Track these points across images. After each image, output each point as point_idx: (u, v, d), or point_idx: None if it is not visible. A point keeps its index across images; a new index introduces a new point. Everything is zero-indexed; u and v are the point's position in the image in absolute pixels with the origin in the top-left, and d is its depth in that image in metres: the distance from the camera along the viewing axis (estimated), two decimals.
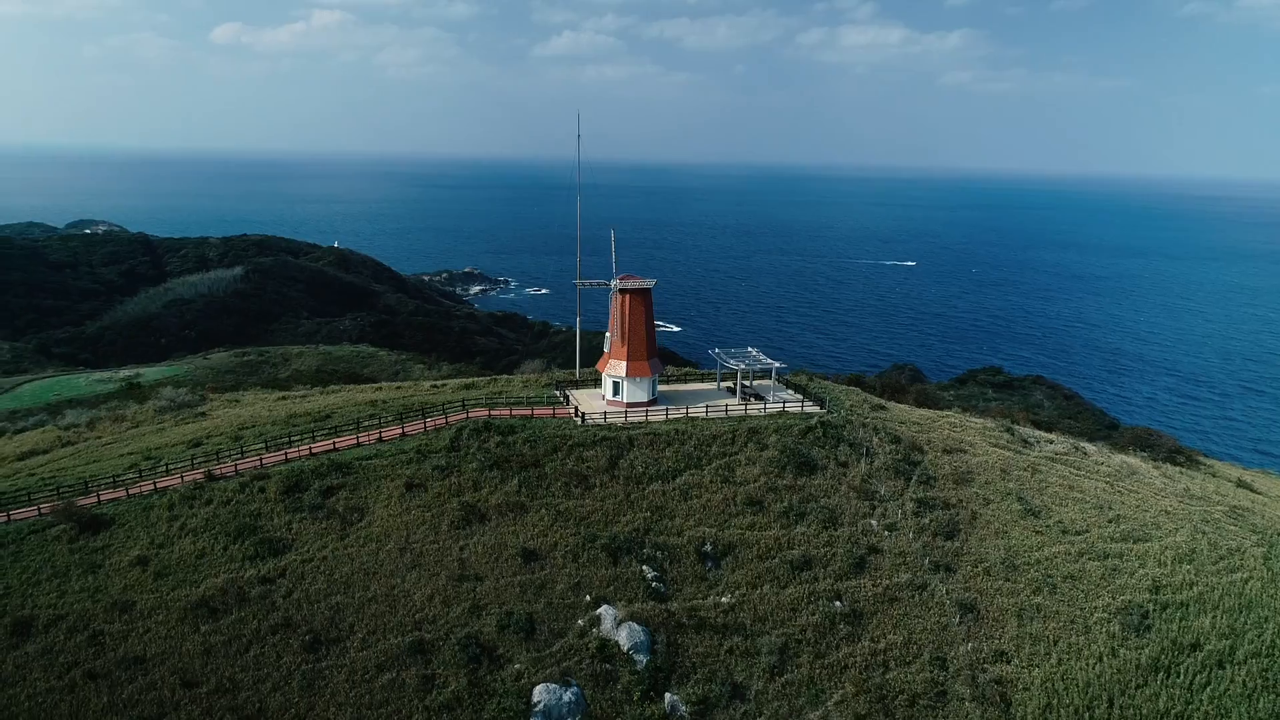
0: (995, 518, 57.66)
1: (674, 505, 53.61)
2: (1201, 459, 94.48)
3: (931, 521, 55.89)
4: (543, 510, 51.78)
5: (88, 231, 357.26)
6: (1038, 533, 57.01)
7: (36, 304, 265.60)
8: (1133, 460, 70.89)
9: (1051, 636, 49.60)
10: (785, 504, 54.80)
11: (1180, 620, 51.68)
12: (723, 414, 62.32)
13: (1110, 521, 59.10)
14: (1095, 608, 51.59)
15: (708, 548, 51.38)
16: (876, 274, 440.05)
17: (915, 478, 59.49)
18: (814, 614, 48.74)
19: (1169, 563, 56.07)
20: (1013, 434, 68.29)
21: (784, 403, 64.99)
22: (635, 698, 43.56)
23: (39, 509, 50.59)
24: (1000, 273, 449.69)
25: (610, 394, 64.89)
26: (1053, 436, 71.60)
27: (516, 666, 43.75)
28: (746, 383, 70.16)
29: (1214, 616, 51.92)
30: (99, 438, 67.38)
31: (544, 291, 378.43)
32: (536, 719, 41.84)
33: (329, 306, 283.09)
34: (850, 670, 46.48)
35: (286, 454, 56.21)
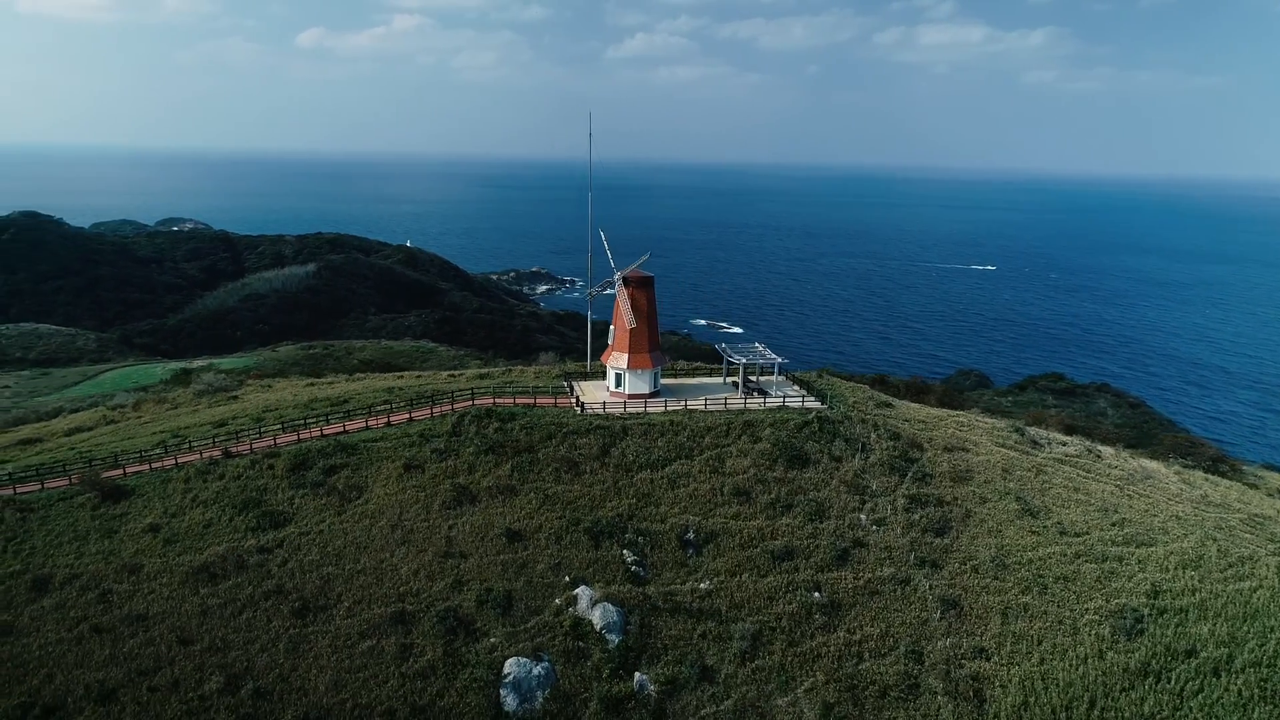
0: (990, 516, 57.26)
1: (661, 493, 54.90)
2: (1249, 469, 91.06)
3: (922, 518, 55.87)
4: (532, 494, 53.70)
5: (175, 229, 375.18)
6: (1033, 533, 56.40)
7: (124, 297, 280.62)
8: (1151, 465, 69.17)
9: (1036, 636, 49.19)
10: (773, 495, 55.54)
11: (1177, 626, 50.55)
12: (721, 407, 63.29)
13: (1113, 525, 58.03)
14: (1086, 609, 50.89)
15: (690, 535, 52.53)
16: (949, 278, 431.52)
17: (911, 474, 59.47)
18: (790, 603, 49.39)
19: (1172, 568, 54.81)
20: (1022, 434, 67.41)
21: (784, 397, 65.58)
22: (604, 675, 44.98)
23: (70, 479, 54.80)
24: (1078, 278, 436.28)
25: (613, 385, 66.54)
26: (1066, 438, 70.31)
27: (492, 640, 45.67)
28: (753, 378, 71.00)
29: (1214, 624, 50.60)
30: (139, 417, 72.14)
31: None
32: (506, 689, 43.67)
33: (396, 303, 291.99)
34: (823, 659, 47.00)
35: (299, 435, 59.46)
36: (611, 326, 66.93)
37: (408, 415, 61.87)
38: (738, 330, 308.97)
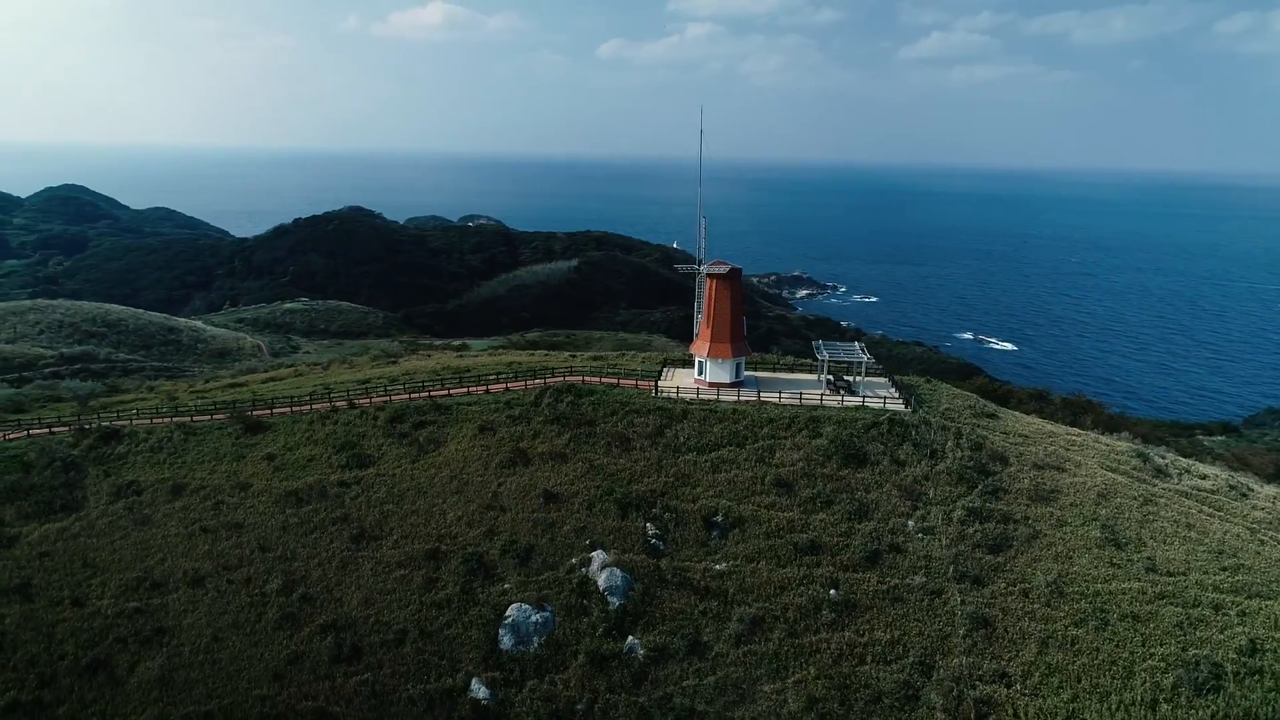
0: (1062, 541, 52.37)
1: (700, 475, 56.31)
2: None
3: (977, 532, 52.44)
4: (580, 462, 57.48)
5: (470, 225, 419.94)
6: (1112, 564, 50.86)
7: (415, 282, 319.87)
8: None
9: (1075, 671, 44.93)
10: (815, 490, 54.86)
11: (1269, 691, 43.81)
12: (795, 401, 62.92)
13: (1224, 569, 50.70)
14: (1151, 654, 45.51)
15: (718, 518, 53.55)
16: None
17: (981, 488, 55.70)
18: (801, 596, 49.03)
19: None
20: (1145, 461, 59.94)
21: (864, 397, 63.65)
22: (599, 632, 47.76)
23: (228, 414, 67.08)
24: None
25: (697, 373, 68.35)
26: (1210, 472, 61.24)
27: (505, 585, 50.23)
28: (847, 377, 69.31)
29: None
30: (323, 374, 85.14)
31: (873, 299, 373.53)
32: (504, 630, 47.99)
33: (647, 299, 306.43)
34: (820, 655, 46.36)
35: (410, 395, 67.81)
36: (698, 316, 68.85)
37: (504, 386, 68.16)
38: (1011, 347, 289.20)
